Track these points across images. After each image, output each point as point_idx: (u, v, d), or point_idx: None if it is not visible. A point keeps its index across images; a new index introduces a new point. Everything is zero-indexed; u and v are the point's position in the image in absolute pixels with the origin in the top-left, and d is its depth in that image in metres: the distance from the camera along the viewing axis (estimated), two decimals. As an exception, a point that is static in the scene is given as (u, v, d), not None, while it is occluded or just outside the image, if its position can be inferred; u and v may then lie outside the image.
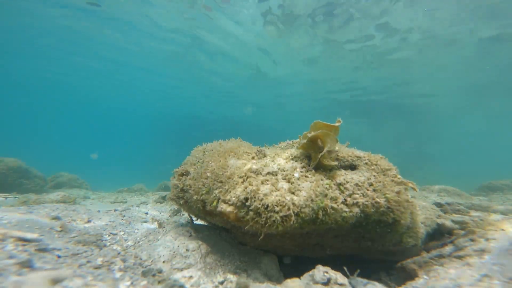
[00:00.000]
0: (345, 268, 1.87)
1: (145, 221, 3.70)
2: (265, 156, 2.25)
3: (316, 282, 1.68)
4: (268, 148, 2.66)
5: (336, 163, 2.09)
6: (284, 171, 1.99)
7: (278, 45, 14.23)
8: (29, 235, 1.87)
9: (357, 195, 1.88)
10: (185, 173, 2.37)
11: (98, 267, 1.64)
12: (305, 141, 2.06)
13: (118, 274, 1.58)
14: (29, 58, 18.95)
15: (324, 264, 1.83)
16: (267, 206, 1.71)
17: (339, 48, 14.08)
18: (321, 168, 2.05)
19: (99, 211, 3.77)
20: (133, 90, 26.68)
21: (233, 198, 1.81)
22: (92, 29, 13.94)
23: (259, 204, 1.72)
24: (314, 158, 2.02)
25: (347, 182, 1.94)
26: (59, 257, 1.74)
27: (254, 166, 2.01)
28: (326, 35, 12.65)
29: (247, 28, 12.64)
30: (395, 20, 11.03)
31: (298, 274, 1.89)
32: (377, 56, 14.71)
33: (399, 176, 2.10)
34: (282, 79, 19.88)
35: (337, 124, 2.00)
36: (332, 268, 1.80)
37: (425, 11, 10.21)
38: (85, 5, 11.57)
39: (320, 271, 1.74)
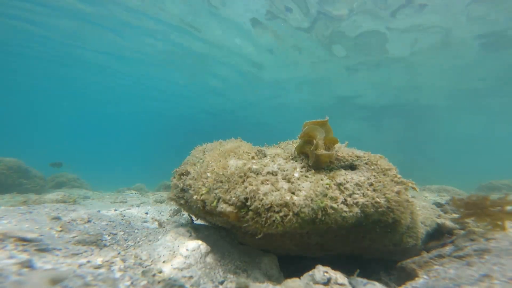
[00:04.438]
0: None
1: (145, 221, 3.70)
2: (265, 156, 2.25)
3: (316, 282, 1.68)
4: (268, 148, 2.66)
5: (332, 152, 2.09)
6: (284, 171, 1.99)
7: (278, 46, 14.24)
8: (29, 235, 1.87)
9: (357, 195, 1.88)
10: (185, 173, 2.37)
11: (98, 267, 1.64)
12: (299, 142, 2.09)
13: (118, 274, 1.58)
14: (30, 58, 18.95)
15: (324, 264, 1.83)
16: (267, 206, 1.71)
17: (339, 50, 14.08)
18: (320, 164, 2.05)
19: (99, 211, 3.77)
20: (133, 90, 26.69)
21: (233, 198, 1.81)
22: (92, 30, 13.95)
23: (259, 204, 1.72)
24: (311, 155, 2.03)
25: (347, 182, 1.94)
26: (59, 257, 1.74)
27: (254, 166, 2.01)
28: (327, 36, 12.64)
29: (246, 29, 12.64)
30: (397, 22, 11.03)
31: (298, 274, 1.89)
32: (377, 57, 14.71)
33: (399, 176, 2.10)
34: (283, 79, 19.89)
35: (324, 119, 2.04)
36: (332, 268, 1.80)
37: (426, 13, 10.21)
38: (85, 7, 11.61)
39: (320, 271, 1.74)
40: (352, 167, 2.17)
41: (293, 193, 1.79)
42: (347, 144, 2.41)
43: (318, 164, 2.05)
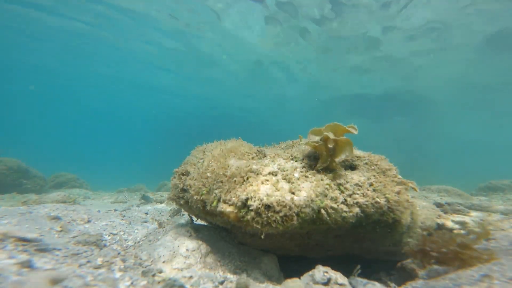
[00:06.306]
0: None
1: (145, 221, 3.69)
2: (265, 156, 2.25)
3: (316, 282, 1.68)
4: (268, 148, 2.66)
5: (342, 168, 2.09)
6: (284, 171, 1.98)
7: (280, 43, 14.23)
8: (29, 235, 1.87)
9: (357, 195, 1.88)
10: (185, 173, 2.37)
11: (98, 267, 1.64)
12: (318, 138, 1.99)
13: (118, 274, 1.58)
14: (30, 58, 18.95)
15: (324, 264, 1.83)
16: (268, 206, 1.71)
17: (342, 47, 14.07)
18: (325, 169, 2.03)
19: (99, 211, 3.77)
20: (133, 89, 26.69)
21: (233, 198, 1.81)
22: (90, 28, 13.94)
23: (260, 204, 1.72)
24: (324, 160, 1.99)
25: (347, 182, 1.93)
26: (59, 257, 1.74)
27: (255, 166, 2.00)
28: (330, 34, 12.62)
29: (249, 27, 12.63)
30: (400, 19, 11.01)
31: (298, 274, 1.89)
32: (379, 55, 14.70)
33: (399, 176, 2.10)
34: (283, 79, 19.89)
35: (355, 132, 1.95)
36: (332, 268, 1.80)
37: (430, 10, 10.20)
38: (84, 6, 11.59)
39: (320, 271, 1.74)
40: (352, 167, 2.17)
41: (293, 193, 1.79)
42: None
43: (326, 169, 2.03)
